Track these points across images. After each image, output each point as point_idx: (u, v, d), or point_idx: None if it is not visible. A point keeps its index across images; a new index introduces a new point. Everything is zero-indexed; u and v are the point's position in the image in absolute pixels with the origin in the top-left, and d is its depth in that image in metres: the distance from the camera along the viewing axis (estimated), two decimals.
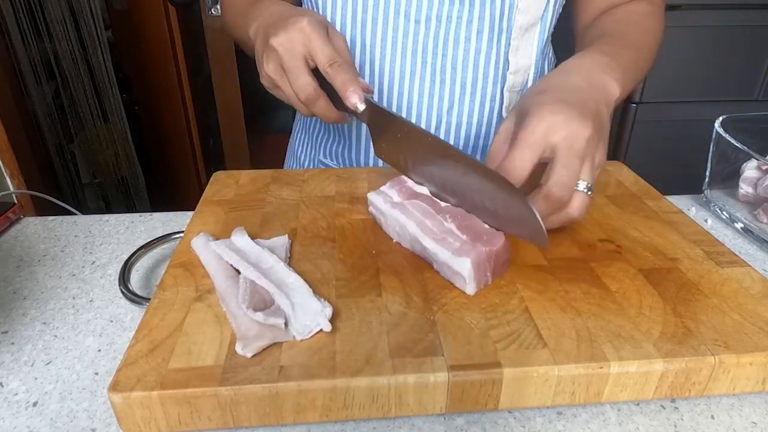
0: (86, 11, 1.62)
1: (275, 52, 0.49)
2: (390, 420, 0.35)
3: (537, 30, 0.65)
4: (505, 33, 0.63)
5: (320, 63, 0.49)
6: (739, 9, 1.50)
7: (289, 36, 0.49)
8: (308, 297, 0.38)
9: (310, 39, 0.48)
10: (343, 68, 0.48)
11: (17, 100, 1.51)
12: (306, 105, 0.51)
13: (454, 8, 0.61)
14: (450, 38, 0.62)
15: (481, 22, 0.61)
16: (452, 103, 0.66)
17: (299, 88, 0.49)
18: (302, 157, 0.79)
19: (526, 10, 0.62)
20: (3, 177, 1.39)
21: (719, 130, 0.61)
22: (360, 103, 0.48)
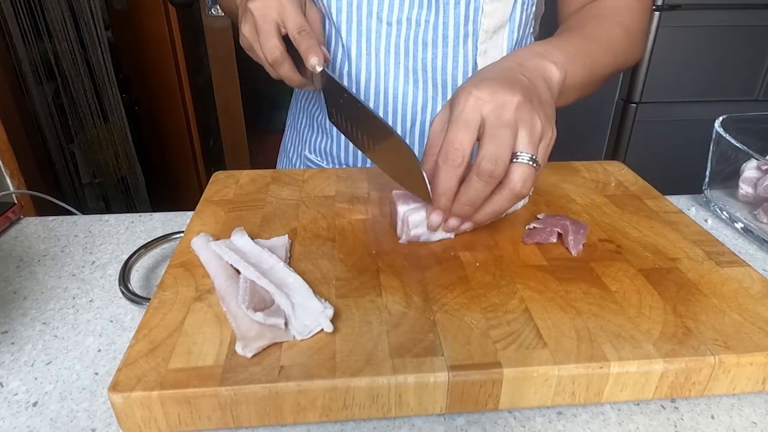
0: (86, 11, 1.62)
1: (252, 15, 0.54)
2: (390, 420, 0.35)
3: (505, 32, 0.65)
4: (472, 36, 0.64)
5: (290, 29, 0.54)
6: (740, 9, 1.50)
7: (265, 2, 0.53)
8: (309, 297, 0.38)
9: (284, 7, 0.53)
10: (309, 35, 0.53)
11: (17, 100, 1.51)
12: (272, 66, 0.55)
13: (422, 12, 0.62)
14: (419, 41, 0.63)
15: (446, 27, 0.62)
16: (426, 101, 0.67)
17: (268, 50, 0.54)
18: (291, 152, 0.81)
19: (492, 14, 0.63)
20: (3, 177, 1.39)
21: (719, 130, 0.61)
22: (318, 66, 0.52)
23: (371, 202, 0.54)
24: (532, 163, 0.42)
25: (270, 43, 0.53)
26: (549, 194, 0.57)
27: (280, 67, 0.55)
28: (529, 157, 0.41)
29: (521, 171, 0.41)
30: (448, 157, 0.42)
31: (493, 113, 0.41)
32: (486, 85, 0.42)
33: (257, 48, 0.55)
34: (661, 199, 0.56)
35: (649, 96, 1.60)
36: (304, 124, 0.77)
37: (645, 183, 0.60)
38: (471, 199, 0.42)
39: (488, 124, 0.41)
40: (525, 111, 0.42)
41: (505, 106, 0.41)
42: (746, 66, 1.59)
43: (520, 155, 0.41)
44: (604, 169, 0.63)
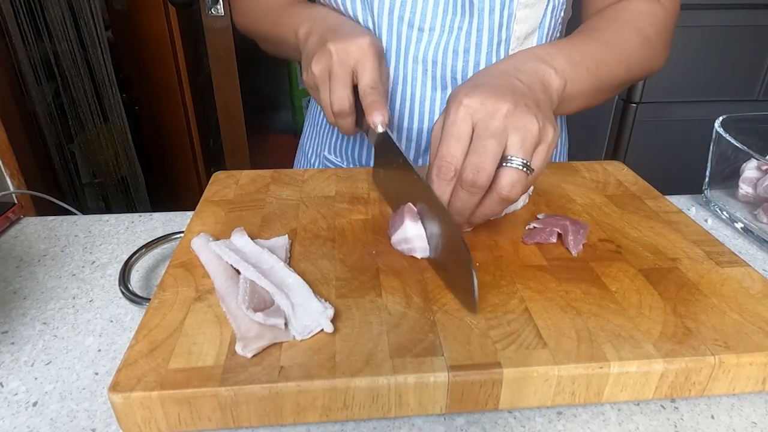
0: (86, 11, 1.62)
1: (329, 56, 0.51)
2: (390, 420, 0.35)
3: (535, 37, 0.65)
4: (504, 44, 0.63)
5: (363, 83, 0.51)
6: (740, 9, 1.50)
7: (348, 47, 0.51)
8: (309, 297, 0.38)
9: (366, 58, 0.51)
10: (379, 92, 0.51)
11: (17, 100, 1.51)
12: (336, 115, 0.53)
13: (456, 18, 0.61)
14: (450, 48, 0.62)
15: (479, 34, 0.62)
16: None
17: (336, 99, 0.51)
18: (309, 151, 0.80)
19: (525, 20, 0.62)
20: (3, 177, 1.39)
21: (719, 130, 0.61)
22: (381, 126, 0.50)
23: (371, 202, 0.54)
24: (522, 168, 0.41)
25: (340, 92, 0.51)
26: (549, 194, 0.57)
27: (344, 118, 0.52)
28: (519, 162, 0.41)
29: (509, 175, 0.41)
30: (440, 171, 0.42)
31: (481, 122, 0.41)
32: (477, 92, 0.42)
33: (324, 91, 0.52)
34: (661, 199, 0.56)
35: (649, 96, 1.60)
36: (324, 124, 0.76)
37: (645, 183, 0.60)
38: (458, 208, 0.42)
39: (475, 134, 0.41)
40: (517, 117, 0.41)
41: (493, 114, 0.41)
42: (746, 66, 1.59)
43: (512, 159, 0.41)
44: (604, 169, 0.64)
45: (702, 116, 1.42)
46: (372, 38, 0.52)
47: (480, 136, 0.41)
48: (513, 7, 0.60)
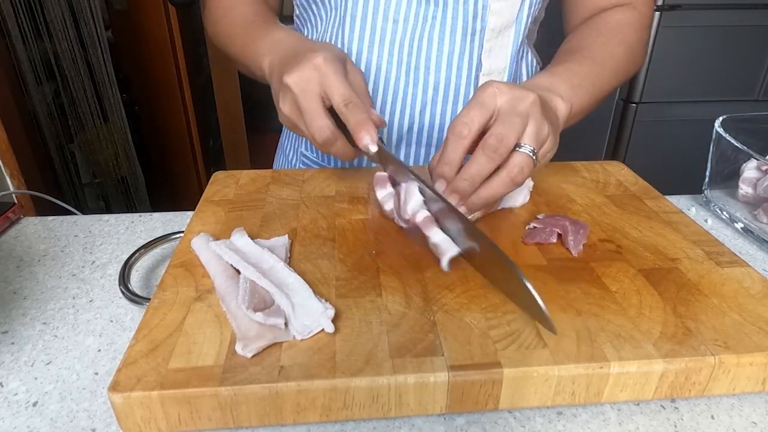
0: (86, 11, 1.62)
1: (291, 91, 0.48)
2: (390, 420, 0.35)
3: (511, 32, 0.66)
4: (478, 34, 0.64)
5: (335, 103, 0.48)
6: (739, 9, 1.50)
7: (303, 74, 0.47)
8: (309, 297, 0.38)
9: (326, 77, 0.47)
10: (357, 108, 0.47)
11: (17, 100, 1.51)
12: (323, 147, 0.49)
13: (429, 8, 0.62)
14: (424, 38, 0.63)
15: (454, 23, 0.63)
16: (425, 104, 0.67)
17: (316, 130, 0.48)
18: (288, 150, 0.80)
19: (499, 12, 0.63)
20: (3, 177, 1.39)
21: (719, 130, 0.61)
22: (371, 145, 0.47)
23: (371, 202, 0.54)
24: (532, 155, 0.44)
25: (317, 122, 0.47)
26: (549, 194, 0.57)
27: (332, 146, 0.49)
28: (530, 149, 0.44)
29: (521, 158, 0.44)
30: (456, 128, 0.44)
31: (508, 103, 0.45)
32: (505, 84, 0.46)
33: (302, 126, 0.50)
34: (661, 199, 0.56)
35: (649, 96, 1.60)
36: None
37: (645, 183, 0.60)
38: (472, 173, 0.44)
39: (501, 111, 0.45)
40: (537, 110, 0.45)
41: (521, 99, 0.45)
42: (746, 66, 1.59)
43: (524, 146, 0.44)
44: (604, 169, 0.63)
45: (702, 116, 1.42)
46: (325, 53, 0.49)
47: (507, 113, 0.44)
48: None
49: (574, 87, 0.54)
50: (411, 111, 0.67)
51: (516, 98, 0.45)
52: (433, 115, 0.68)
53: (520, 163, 0.44)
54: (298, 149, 0.78)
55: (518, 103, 0.44)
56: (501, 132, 0.43)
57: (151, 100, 1.87)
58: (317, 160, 0.75)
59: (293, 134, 0.79)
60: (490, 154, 0.43)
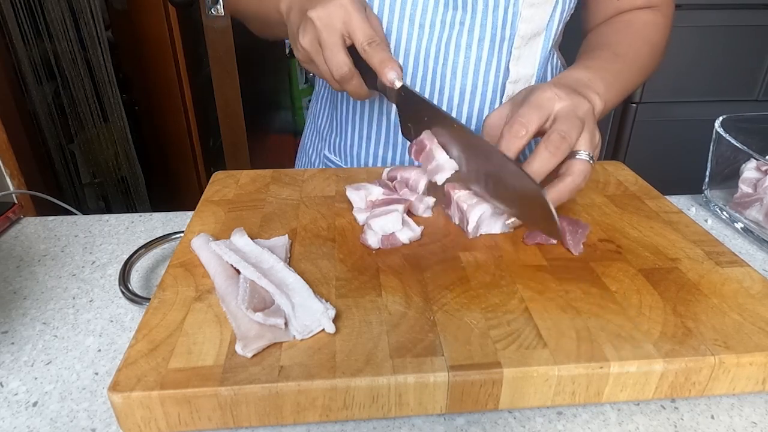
0: (86, 11, 1.62)
1: (313, 26, 0.49)
2: (390, 420, 0.35)
3: (541, 39, 0.64)
4: (507, 41, 0.63)
5: (358, 41, 0.49)
6: (740, 9, 1.50)
7: (328, 11, 0.48)
8: (309, 297, 0.38)
9: (350, 16, 0.48)
10: (381, 47, 0.49)
11: (17, 100, 1.51)
12: (339, 82, 0.51)
13: (457, 14, 0.61)
14: (452, 44, 0.62)
15: (483, 30, 0.61)
16: (450, 109, 0.66)
17: (334, 65, 0.49)
18: (310, 149, 0.80)
19: (530, 19, 0.62)
20: (3, 177, 1.39)
21: (719, 130, 0.61)
22: (397, 80, 0.49)
23: None
24: (590, 161, 0.46)
25: (337, 58, 0.49)
26: None
27: (348, 83, 0.51)
28: (588, 155, 0.46)
29: (583, 165, 0.46)
30: (512, 127, 0.45)
31: (566, 108, 0.46)
32: (562, 88, 0.47)
33: (320, 62, 0.50)
34: (661, 199, 0.56)
35: (649, 96, 1.60)
36: (325, 123, 0.76)
37: (645, 183, 0.60)
38: (534, 169, 0.44)
39: (561, 113, 0.46)
40: (591, 118, 0.47)
41: (578, 106, 0.46)
42: (746, 66, 1.59)
43: (581, 152, 0.46)
44: (604, 169, 0.63)
45: (702, 116, 1.42)
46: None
47: (568, 116, 0.45)
48: (519, 5, 0.60)
49: (609, 85, 0.54)
50: None
51: (574, 105, 0.46)
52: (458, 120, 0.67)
53: (583, 169, 0.46)
54: (321, 151, 0.77)
55: (576, 108, 0.46)
56: (564, 129, 0.44)
57: (151, 100, 1.87)
58: (340, 163, 0.75)
59: (316, 135, 0.79)
60: (553, 149, 0.44)
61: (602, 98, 0.52)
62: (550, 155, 0.44)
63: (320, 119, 0.77)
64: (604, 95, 0.53)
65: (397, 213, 0.47)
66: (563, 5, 0.63)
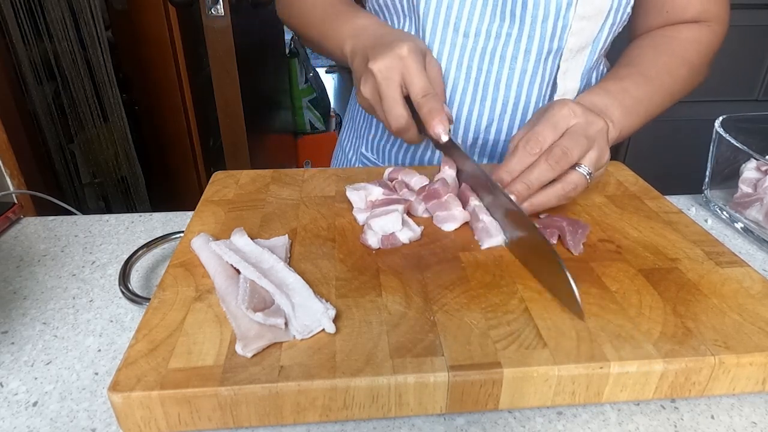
0: (86, 11, 1.62)
1: (373, 77, 0.51)
2: (390, 420, 0.35)
3: (587, 52, 0.63)
4: (554, 54, 0.62)
5: (413, 93, 0.51)
6: (740, 9, 1.50)
7: (387, 63, 0.50)
8: (309, 297, 0.38)
9: (408, 68, 0.50)
10: (433, 99, 0.50)
11: (17, 100, 1.51)
12: (396, 133, 0.54)
13: (504, 24, 0.60)
14: (497, 55, 0.62)
15: (530, 42, 0.60)
16: (491, 120, 0.65)
17: (393, 118, 0.52)
18: (347, 147, 0.81)
19: (580, 32, 0.61)
20: (3, 177, 1.39)
21: (719, 130, 0.61)
22: (444, 135, 0.50)
23: None
24: (587, 177, 0.47)
25: (395, 111, 0.51)
26: None
27: (405, 134, 0.53)
28: (588, 171, 0.47)
29: (578, 177, 0.47)
30: (528, 143, 0.46)
31: (579, 125, 0.47)
32: (579, 105, 0.48)
33: (379, 111, 0.53)
34: (661, 199, 0.56)
35: None
36: (362, 121, 0.76)
37: (645, 183, 0.60)
38: (531, 179, 0.46)
39: (571, 130, 0.47)
40: (603, 138, 0.48)
41: (591, 124, 0.47)
42: (746, 66, 1.59)
43: (582, 166, 0.47)
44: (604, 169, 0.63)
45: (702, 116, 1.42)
46: (410, 44, 0.51)
47: (577, 132, 0.46)
48: (569, 17, 0.59)
49: (627, 111, 0.55)
50: (477, 125, 0.66)
51: (588, 123, 0.47)
52: (499, 131, 0.66)
53: (576, 181, 0.47)
54: (358, 149, 0.78)
55: (589, 126, 0.47)
56: (567, 146, 0.45)
57: (151, 100, 1.87)
58: (376, 161, 0.75)
59: (353, 133, 0.79)
60: (552, 163, 0.45)
61: (617, 126, 0.53)
62: (548, 168, 0.46)
63: (358, 117, 0.78)
64: (620, 123, 0.54)
65: (397, 213, 0.47)
66: (614, 18, 0.61)
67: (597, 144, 0.47)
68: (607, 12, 0.60)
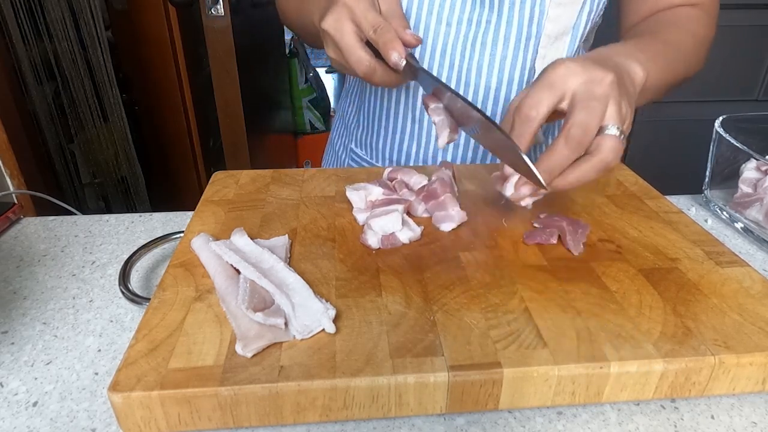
0: (86, 11, 1.62)
1: (329, 35, 0.50)
2: (390, 420, 0.35)
3: (567, 39, 0.64)
4: (533, 40, 0.62)
5: (365, 32, 0.49)
6: (740, 9, 1.50)
7: (335, 15, 0.49)
8: (309, 297, 0.38)
9: (354, 12, 0.49)
10: (384, 29, 0.48)
11: (17, 100, 1.51)
12: (365, 78, 0.51)
13: (484, 12, 0.61)
14: (477, 42, 0.63)
15: (509, 28, 0.61)
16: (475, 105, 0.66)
17: (354, 63, 0.49)
18: (337, 144, 0.81)
19: (557, 19, 0.61)
20: (3, 177, 1.39)
21: (719, 130, 0.61)
22: (400, 60, 0.47)
23: None
24: (620, 136, 0.42)
25: (354, 56, 0.49)
26: (549, 194, 0.57)
27: (373, 76, 0.51)
28: (617, 129, 0.42)
29: (612, 141, 0.41)
30: (522, 110, 0.42)
31: (584, 86, 0.42)
32: (579, 61, 0.43)
33: (346, 64, 0.51)
34: (661, 199, 0.56)
35: None
36: (352, 118, 0.77)
37: (645, 183, 0.60)
38: (551, 165, 0.42)
39: (579, 96, 0.42)
40: (615, 91, 0.42)
41: (597, 81, 0.42)
42: (746, 66, 1.59)
43: (610, 127, 0.41)
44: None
45: (702, 116, 1.42)
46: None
47: (586, 98, 0.41)
48: (545, 3, 0.60)
49: (651, 58, 0.50)
50: None
51: (592, 80, 0.42)
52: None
53: (613, 146, 0.41)
54: (347, 145, 0.78)
55: (595, 86, 0.42)
56: (583, 120, 0.41)
57: (151, 100, 1.87)
58: (366, 157, 0.75)
59: (343, 130, 0.80)
60: (574, 145, 0.41)
61: (644, 67, 0.47)
62: (570, 152, 0.41)
63: (348, 114, 0.78)
64: (646, 64, 0.48)
65: (397, 213, 0.47)
66: (591, 5, 0.62)
67: (612, 99, 0.42)
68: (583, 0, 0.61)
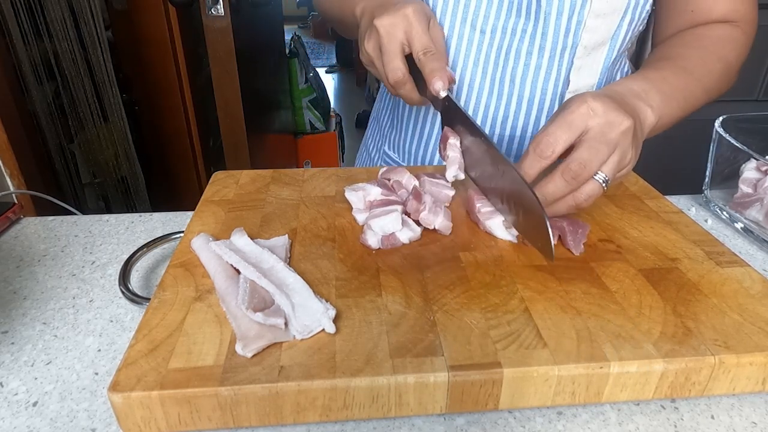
0: (86, 11, 1.62)
1: (377, 33, 0.52)
2: (390, 420, 0.35)
3: (605, 50, 0.63)
4: (569, 51, 0.62)
5: (415, 50, 0.52)
6: None
7: (392, 20, 0.51)
8: (309, 297, 0.38)
9: (411, 26, 0.51)
10: (434, 57, 0.51)
11: (17, 100, 1.51)
12: (393, 86, 0.54)
13: (520, 21, 0.61)
14: (512, 51, 0.62)
15: (544, 38, 0.61)
16: (506, 116, 0.66)
17: (390, 70, 0.52)
18: (371, 145, 0.82)
19: (595, 30, 0.60)
20: (3, 177, 1.39)
21: (719, 130, 0.61)
22: (443, 91, 0.50)
23: None
24: (603, 185, 0.44)
25: (393, 63, 0.52)
26: None
27: (401, 87, 0.54)
28: (604, 178, 0.44)
29: (592, 187, 0.44)
30: (539, 146, 0.43)
31: (599, 127, 0.43)
32: (602, 100, 0.44)
33: (379, 66, 0.54)
34: (661, 199, 0.56)
35: None
36: (386, 120, 0.78)
37: (645, 183, 0.60)
38: (546, 194, 0.43)
39: (590, 135, 0.43)
40: (627, 140, 0.44)
41: (614, 125, 0.43)
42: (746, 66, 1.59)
43: (598, 174, 0.43)
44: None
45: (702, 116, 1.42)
46: (416, 6, 0.52)
47: (595, 139, 0.43)
48: (583, 14, 0.59)
49: (666, 98, 0.52)
50: (492, 121, 0.66)
51: (609, 124, 0.43)
52: (514, 127, 0.66)
53: (590, 191, 0.44)
54: (381, 147, 0.79)
55: (610, 129, 0.43)
56: (586, 159, 0.42)
57: (151, 100, 1.87)
58: (398, 159, 0.76)
59: (377, 132, 0.81)
60: (569, 179, 0.43)
61: (656, 112, 0.49)
62: (565, 184, 0.43)
63: (383, 117, 0.79)
64: (659, 109, 0.50)
65: (396, 213, 0.47)
66: (632, 15, 0.61)
67: (619, 147, 0.43)
68: (625, 9, 0.60)
